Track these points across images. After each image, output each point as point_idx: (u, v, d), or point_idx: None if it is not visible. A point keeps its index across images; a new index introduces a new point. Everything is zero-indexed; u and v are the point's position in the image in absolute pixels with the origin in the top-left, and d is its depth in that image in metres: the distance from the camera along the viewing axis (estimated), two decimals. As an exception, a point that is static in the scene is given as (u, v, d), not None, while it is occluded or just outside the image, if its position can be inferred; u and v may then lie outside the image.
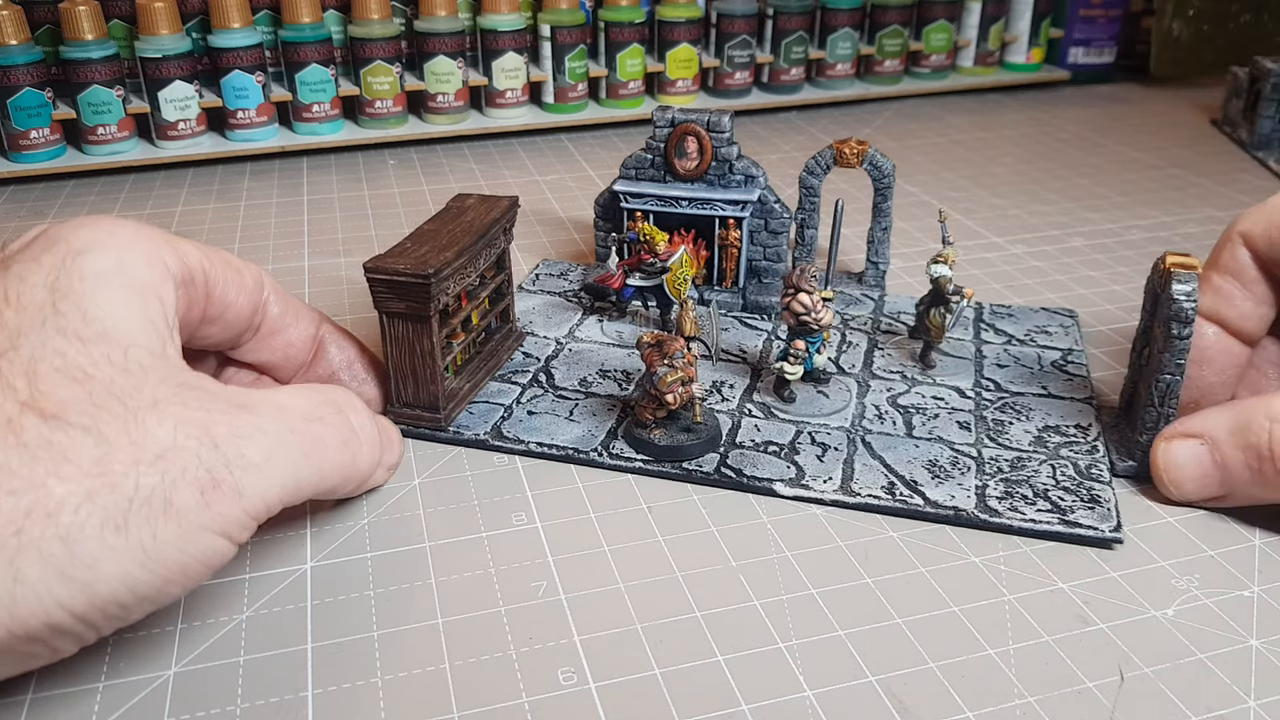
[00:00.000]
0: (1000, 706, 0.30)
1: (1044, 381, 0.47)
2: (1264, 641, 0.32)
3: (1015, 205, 0.72)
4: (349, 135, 0.83)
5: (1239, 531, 0.37)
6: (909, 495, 0.39)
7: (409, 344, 0.41)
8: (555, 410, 0.44)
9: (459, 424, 0.43)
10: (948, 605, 0.34)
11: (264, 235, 0.66)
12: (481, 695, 0.30)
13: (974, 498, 0.38)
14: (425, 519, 0.38)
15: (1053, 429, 0.43)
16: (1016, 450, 0.41)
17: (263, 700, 0.30)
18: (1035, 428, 0.43)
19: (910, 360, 0.49)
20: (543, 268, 0.59)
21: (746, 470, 0.40)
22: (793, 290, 0.43)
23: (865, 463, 0.41)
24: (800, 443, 0.42)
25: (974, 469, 0.40)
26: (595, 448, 0.41)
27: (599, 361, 0.48)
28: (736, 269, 0.53)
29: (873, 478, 0.40)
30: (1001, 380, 0.47)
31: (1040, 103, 1.00)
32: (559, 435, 0.42)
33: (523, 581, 0.35)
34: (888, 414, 0.44)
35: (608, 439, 0.42)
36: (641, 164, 0.53)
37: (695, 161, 0.51)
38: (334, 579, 0.35)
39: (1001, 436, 0.42)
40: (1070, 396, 0.46)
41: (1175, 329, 0.37)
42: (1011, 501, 0.38)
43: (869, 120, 0.93)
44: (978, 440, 0.42)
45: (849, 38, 0.95)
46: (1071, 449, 0.42)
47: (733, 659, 0.31)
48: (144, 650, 0.32)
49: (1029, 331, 0.52)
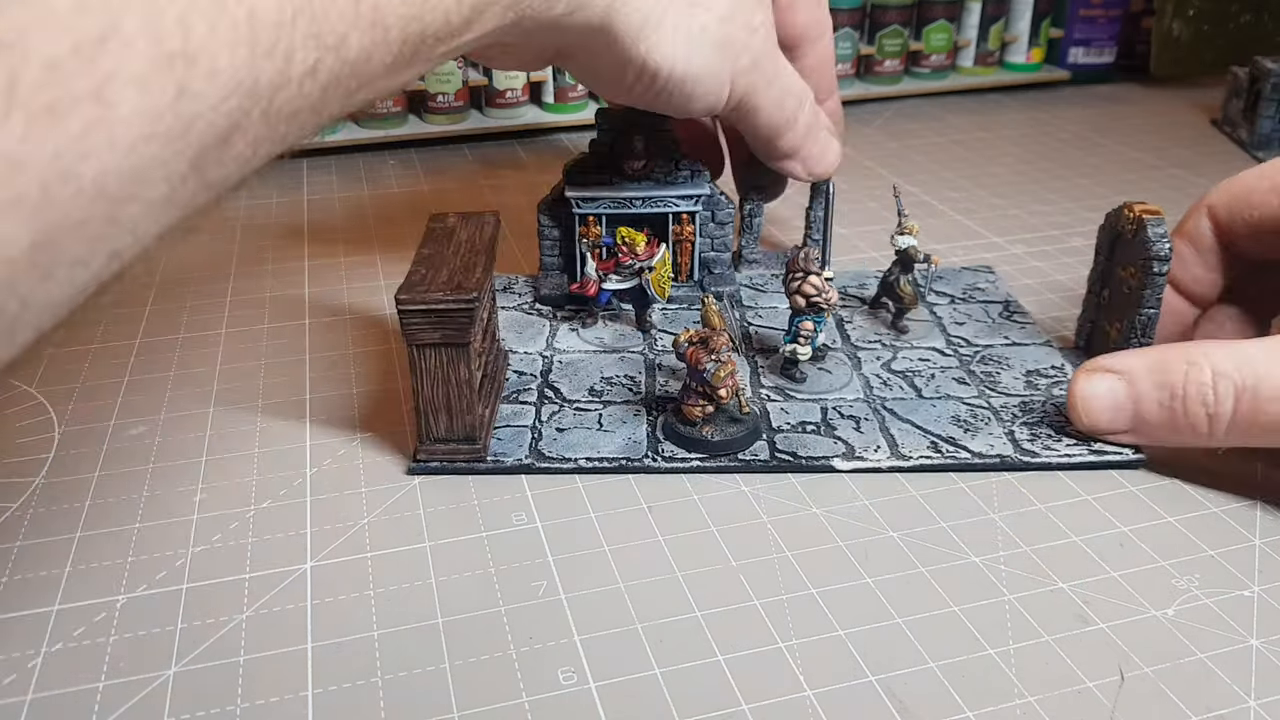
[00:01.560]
0: (1000, 706, 0.30)
1: (1003, 332, 0.51)
2: (1264, 641, 0.32)
3: (1015, 205, 0.72)
4: (349, 135, 0.83)
5: (1239, 531, 0.37)
6: (954, 450, 0.41)
7: (443, 375, 0.39)
8: (583, 423, 0.43)
9: (493, 452, 0.41)
10: (948, 605, 0.34)
11: (264, 235, 0.66)
12: (481, 695, 0.30)
13: (1010, 444, 0.41)
14: (425, 519, 0.38)
15: (1035, 372, 0.47)
16: (1018, 395, 0.45)
17: (263, 700, 0.30)
18: (1020, 373, 0.47)
19: (884, 329, 0.51)
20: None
21: (800, 452, 0.41)
22: (802, 274, 0.44)
23: (899, 428, 0.43)
24: (831, 419, 0.43)
25: (993, 418, 0.43)
26: (646, 454, 0.41)
27: (597, 370, 0.47)
28: (691, 263, 0.54)
29: (915, 440, 0.42)
30: (968, 336, 0.51)
31: (1040, 103, 0.99)
32: (603, 447, 0.41)
33: (523, 581, 0.35)
34: (891, 381, 0.46)
35: (652, 443, 0.42)
36: (589, 168, 0.51)
37: (643, 160, 0.51)
38: (334, 579, 0.35)
39: (998, 386, 0.46)
40: (1031, 342, 0.50)
41: (1156, 267, 0.42)
42: (1043, 441, 0.42)
43: (869, 120, 0.93)
44: (981, 393, 0.45)
45: (849, 38, 0.95)
46: (1060, 388, 0.45)
47: (733, 659, 0.31)
48: (144, 650, 0.32)
49: (965, 290, 0.56)
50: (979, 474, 0.40)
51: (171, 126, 0.21)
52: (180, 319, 0.54)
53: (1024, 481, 0.40)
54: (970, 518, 0.38)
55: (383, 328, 0.53)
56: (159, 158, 0.21)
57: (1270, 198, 0.43)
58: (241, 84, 0.22)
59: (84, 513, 0.38)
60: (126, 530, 0.37)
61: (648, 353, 0.49)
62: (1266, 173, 0.44)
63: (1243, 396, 0.37)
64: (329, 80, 0.25)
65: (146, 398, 0.46)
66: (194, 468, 0.41)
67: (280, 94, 0.23)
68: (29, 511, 0.38)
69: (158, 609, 0.33)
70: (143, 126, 0.20)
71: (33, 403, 0.46)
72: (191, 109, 0.21)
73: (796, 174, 0.52)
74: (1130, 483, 0.40)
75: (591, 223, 0.52)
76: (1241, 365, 0.37)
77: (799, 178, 0.53)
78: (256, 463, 0.41)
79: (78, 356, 0.50)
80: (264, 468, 0.41)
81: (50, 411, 0.45)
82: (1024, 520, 0.38)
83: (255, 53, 0.22)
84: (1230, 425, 0.37)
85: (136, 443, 0.43)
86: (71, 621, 0.33)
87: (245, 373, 0.48)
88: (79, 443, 0.43)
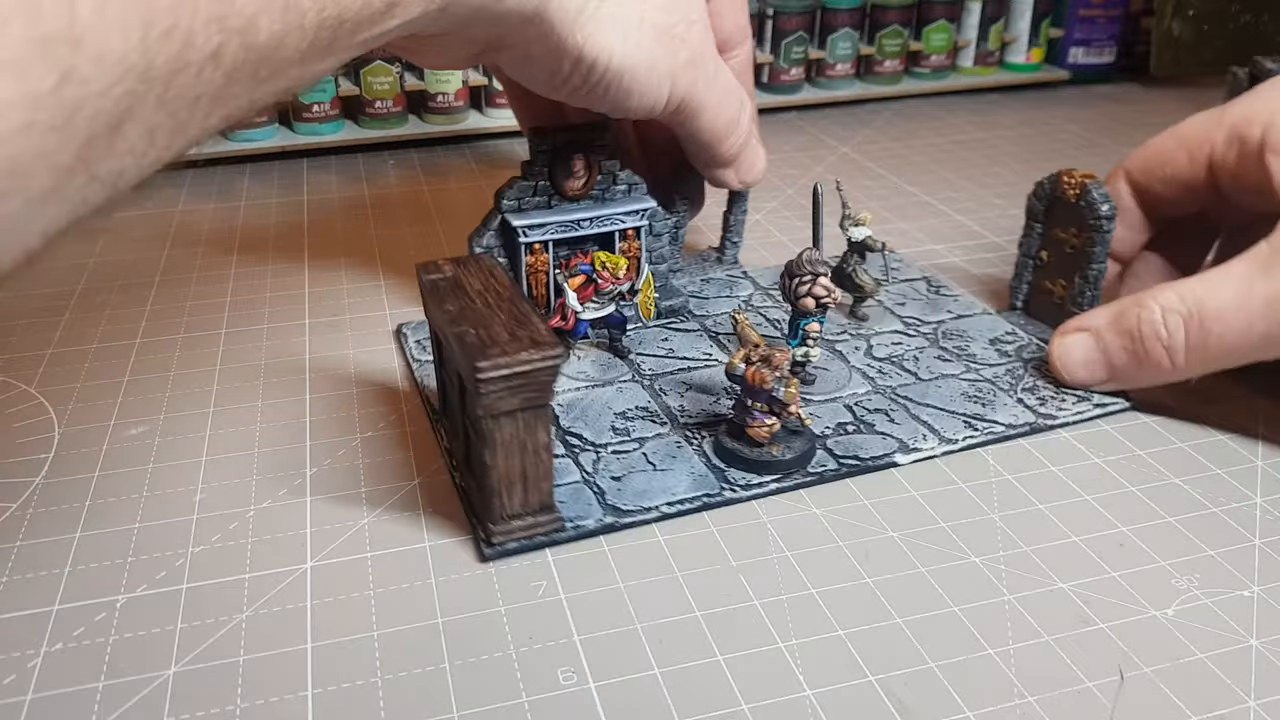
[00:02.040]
0: (1000, 706, 0.30)
1: (943, 307, 0.54)
2: (1264, 641, 0.32)
3: (1015, 205, 0.72)
4: (349, 135, 0.83)
5: (1239, 531, 0.37)
6: (988, 425, 0.43)
7: (519, 443, 0.34)
8: (634, 466, 0.40)
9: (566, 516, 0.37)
10: (948, 605, 0.34)
11: (264, 235, 0.66)
12: (481, 695, 0.30)
13: (1027, 410, 0.44)
14: (425, 519, 0.38)
15: (997, 340, 0.50)
16: (998, 365, 0.48)
17: (262, 700, 0.30)
18: (986, 343, 0.50)
19: (844, 318, 0.53)
20: (411, 333, 0.51)
21: (860, 454, 0.41)
22: (811, 277, 0.44)
23: (928, 414, 0.44)
24: (862, 416, 0.44)
25: (996, 390, 0.46)
26: (720, 486, 0.39)
27: (604, 406, 0.44)
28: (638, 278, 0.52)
29: (949, 423, 0.43)
30: (918, 315, 0.53)
31: (1040, 103, 0.99)
32: (674, 486, 0.39)
33: (523, 581, 0.35)
34: (885, 369, 0.47)
35: (717, 472, 0.40)
36: (524, 192, 0.48)
37: (583, 179, 0.49)
38: (334, 579, 0.35)
39: (976, 359, 0.48)
40: (974, 312, 0.53)
41: (1105, 225, 0.47)
42: (1052, 404, 0.44)
43: (869, 120, 0.93)
44: (968, 368, 0.47)
45: (849, 38, 0.95)
46: (1028, 351, 0.49)
47: (733, 659, 0.31)
48: (144, 650, 0.32)
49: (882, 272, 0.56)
50: (979, 463, 0.41)
51: (54, 115, 0.19)
52: (180, 319, 0.54)
53: (1024, 481, 0.40)
54: (970, 518, 0.38)
55: (382, 328, 0.53)
56: (39, 149, 0.19)
57: (1179, 154, 0.47)
58: (133, 68, 0.20)
59: (84, 513, 0.38)
60: (126, 530, 0.37)
61: (639, 378, 0.47)
62: (1175, 133, 0.48)
63: (1190, 324, 0.41)
64: (235, 66, 0.23)
65: (146, 398, 0.46)
66: (194, 468, 0.41)
67: (178, 79, 0.22)
68: (29, 511, 0.38)
69: (158, 609, 0.33)
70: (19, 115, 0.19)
71: (33, 403, 0.46)
72: (76, 95, 0.19)
73: (729, 182, 0.52)
74: (1130, 482, 0.40)
75: (538, 250, 0.49)
76: (1185, 296, 0.42)
77: (731, 186, 0.52)
78: (256, 463, 0.41)
79: (78, 356, 0.50)
80: (264, 468, 0.41)
81: (50, 411, 0.45)
82: (1024, 520, 0.38)
83: (149, 35, 0.21)
84: (1187, 353, 0.42)
85: (136, 443, 0.43)
86: (71, 621, 0.33)
87: (245, 373, 0.48)
88: (79, 443, 0.43)
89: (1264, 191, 0.44)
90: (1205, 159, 0.46)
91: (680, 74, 0.42)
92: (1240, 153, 0.45)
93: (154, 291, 0.57)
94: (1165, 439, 0.43)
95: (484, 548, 0.36)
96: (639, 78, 0.40)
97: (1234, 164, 0.45)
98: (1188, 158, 0.47)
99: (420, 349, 0.49)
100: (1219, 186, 0.47)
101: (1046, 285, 0.50)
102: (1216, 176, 0.46)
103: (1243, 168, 0.45)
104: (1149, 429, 0.44)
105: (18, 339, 0.51)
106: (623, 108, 0.42)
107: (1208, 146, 0.46)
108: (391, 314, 0.54)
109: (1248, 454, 0.42)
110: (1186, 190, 0.48)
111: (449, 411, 0.40)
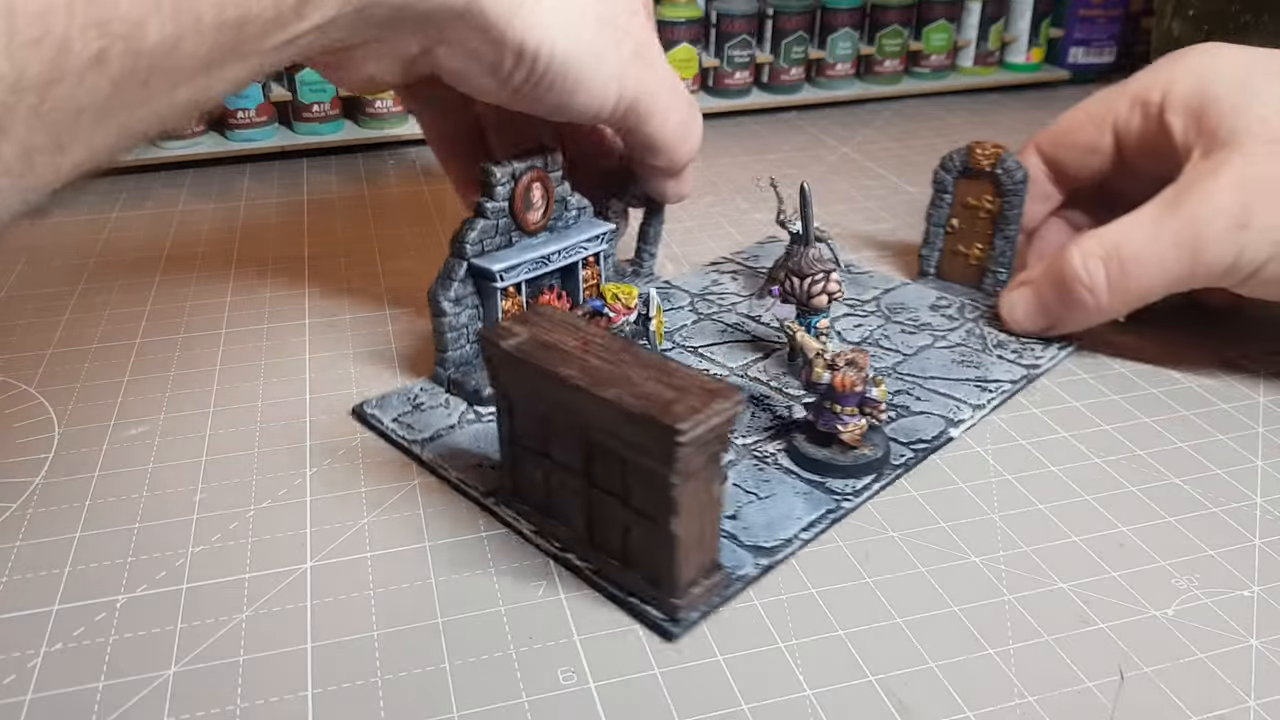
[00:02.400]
0: (1000, 706, 0.30)
1: (868, 284, 0.56)
2: (1264, 641, 0.32)
3: (1015, 205, 0.72)
4: (349, 135, 0.83)
5: (1239, 531, 0.37)
6: (995, 384, 0.46)
7: (699, 504, 0.31)
8: (737, 500, 0.38)
9: None
10: (948, 605, 0.34)
11: (264, 235, 0.66)
12: (481, 695, 0.30)
13: (1014, 365, 0.48)
14: (425, 519, 0.38)
15: (936, 306, 0.53)
16: (957, 328, 0.51)
17: (263, 700, 0.30)
18: (929, 310, 0.53)
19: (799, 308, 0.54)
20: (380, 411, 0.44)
21: (925, 436, 0.42)
22: (824, 274, 0.45)
23: (941, 386, 0.46)
24: (891, 401, 0.44)
25: (973, 352, 0.49)
26: (844, 495, 0.38)
27: None
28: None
29: (964, 389, 0.46)
30: (853, 296, 0.55)
31: (1040, 103, 0.99)
32: (792, 511, 0.37)
33: (522, 581, 0.35)
34: (872, 351, 0.49)
35: (817, 485, 0.39)
36: (486, 234, 0.44)
37: (542, 209, 0.45)
38: (334, 579, 0.35)
39: (933, 327, 0.51)
40: (895, 284, 0.56)
41: (1021, 189, 0.51)
42: (1029, 355, 0.48)
43: (869, 120, 0.93)
44: (936, 336, 0.50)
45: (849, 38, 0.95)
46: (969, 311, 0.53)
47: (733, 659, 0.31)
48: (144, 650, 0.32)
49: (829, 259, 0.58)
50: (979, 462, 0.41)
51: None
52: (180, 319, 0.54)
53: (1024, 481, 0.40)
54: (970, 518, 0.38)
55: (383, 328, 0.53)
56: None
57: (1086, 126, 0.51)
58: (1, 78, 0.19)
59: (84, 513, 0.38)
60: (126, 530, 0.37)
61: None
62: (1081, 107, 0.52)
63: (1110, 265, 0.45)
64: (122, 74, 0.22)
65: (146, 398, 0.46)
66: (194, 468, 0.41)
67: (55, 89, 0.20)
68: (29, 511, 0.38)
69: (158, 609, 0.33)
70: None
71: (33, 403, 0.46)
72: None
73: (668, 195, 0.49)
74: (1130, 482, 0.40)
75: (512, 294, 0.45)
76: (1103, 240, 0.46)
77: (673, 199, 0.50)
78: (256, 463, 0.41)
79: (78, 356, 0.50)
80: (264, 468, 0.41)
81: (50, 411, 0.45)
82: (1024, 520, 0.38)
83: (14, 42, 0.19)
84: (1110, 292, 0.46)
85: (136, 443, 0.43)
86: (71, 621, 0.33)
87: (245, 373, 0.48)
88: (79, 443, 0.43)
89: (1163, 154, 0.47)
90: (1110, 127, 0.50)
91: (627, 69, 0.40)
92: (1143, 115, 0.49)
93: (154, 291, 0.57)
94: (1165, 439, 0.43)
95: (669, 626, 0.32)
96: (585, 70, 0.38)
97: (1137, 128, 0.49)
98: (1095, 128, 0.51)
99: (404, 427, 0.42)
100: (1122, 152, 0.51)
101: (960, 250, 0.55)
102: (1120, 142, 0.50)
103: (1145, 130, 0.49)
104: (1149, 429, 0.44)
105: (18, 339, 0.51)
106: (571, 107, 0.40)
107: (1111, 116, 0.50)
108: (391, 313, 0.54)
109: (1248, 454, 0.42)
110: (1092, 157, 0.51)
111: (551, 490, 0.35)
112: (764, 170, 0.79)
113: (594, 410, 0.31)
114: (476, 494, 0.38)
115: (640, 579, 0.33)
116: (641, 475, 0.31)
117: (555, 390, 0.32)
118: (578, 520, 0.35)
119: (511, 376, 0.34)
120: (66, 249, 0.63)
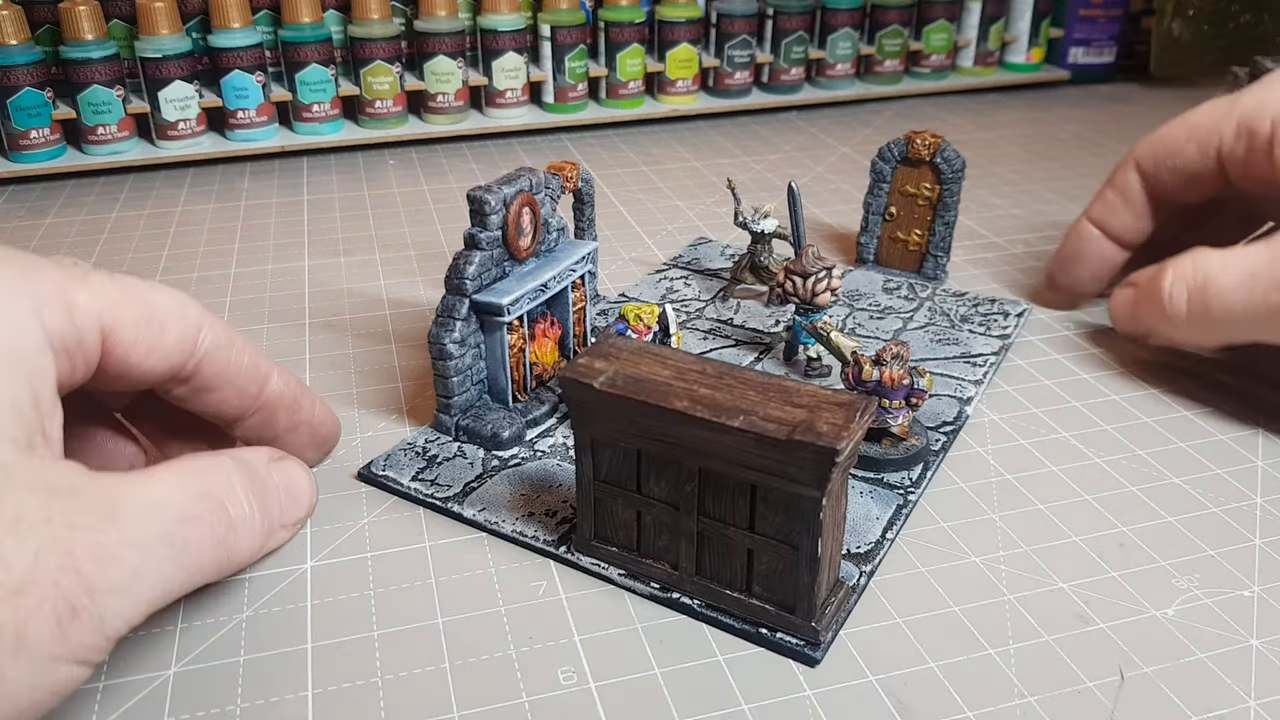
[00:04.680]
0: (1000, 706, 0.30)
1: None
2: (1264, 641, 0.32)
3: (1015, 205, 0.72)
4: (349, 135, 0.83)
5: (1239, 531, 0.37)
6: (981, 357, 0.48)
7: (834, 520, 0.31)
8: None
9: None
10: (948, 605, 0.34)
11: (264, 235, 0.66)
12: (481, 695, 0.30)
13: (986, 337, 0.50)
14: (425, 519, 0.38)
15: (889, 289, 0.56)
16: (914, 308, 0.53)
17: (263, 700, 0.30)
18: (884, 293, 0.55)
19: (766, 306, 0.54)
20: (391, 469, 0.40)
21: (947, 418, 0.43)
22: (826, 272, 0.45)
23: (934, 366, 0.47)
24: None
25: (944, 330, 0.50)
26: (905, 488, 0.39)
27: None
28: (585, 329, 0.48)
29: (956, 367, 0.47)
30: None
31: (1040, 103, 1.00)
32: (870, 512, 0.37)
33: (523, 581, 0.35)
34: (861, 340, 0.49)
35: (877, 482, 0.39)
36: (485, 266, 0.41)
37: (531, 234, 0.43)
38: (334, 579, 0.35)
39: (897, 310, 0.53)
40: (846, 269, 0.58)
41: (960, 177, 0.54)
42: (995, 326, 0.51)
43: (869, 120, 0.93)
44: (907, 318, 0.52)
45: (849, 38, 0.95)
46: (920, 290, 0.55)
47: (733, 659, 0.31)
48: (144, 650, 0.32)
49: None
50: (979, 462, 0.41)
51: None
52: (180, 319, 0.54)
53: (1024, 481, 0.40)
54: (970, 518, 0.38)
55: (382, 328, 0.53)
56: None
57: (1188, 146, 0.48)
58: None
59: (84, 513, 0.38)
60: (126, 530, 0.37)
61: None
62: (1184, 123, 0.49)
63: (1194, 293, 0.44)
64: None
65: (146, 398, 0.46)
66: (194, 468, 0.41)
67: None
68: (29, 511, 0.38)
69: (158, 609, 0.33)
70: None
71: (33, 403, 0.46)
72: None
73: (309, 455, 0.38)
74: (1130, 482, 0.40)
75: (516, 326, 0.42)
76: (1198, 266, 0.44)
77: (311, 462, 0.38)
78: (256, 463, 0.41)
79: (78, 356, 0.49)
80: (264, 468, 0.41)
81: (50, 411, 0.45)
82: (1024, 520, 0.38)
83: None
84: (1188, 320, 0.44)
85: (136, 443, 0.42)
86: (71, 621, 0.33)
87: (245, 373, 0.48)
88: (79, 443, 0.42)
89: (1272, 184, 0.44)
90: (1214, 151, 0.47)
91: None
92: (1249, 146, 0.45)
93: (154, 291, 0.57)
94: (1165, 439, 0.43)
95: (811, 653, 0.31)
96: None
97: (1243, 157, 0.45)
98: (1197, 149, 0.47)
99: (428, 484, 0.39)
100: (1228, 177, 0.47)
101: (899, 236, 0.57)
102: (1225, 168, 0.47)
103: (1251, 160, 0.45)
104: (1149, 429, 0.44)
105: (18, 339, 0.51)
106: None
107: (1216, 139, 0.46)
108: (391, 314, 0.54)
109: (1248, 454, 0.42)
110: (1195, 180, 0.48)
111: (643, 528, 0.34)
112: (764, 170, 0.79)
113: (717, 440, 0.29)
114: (545, 546, 0.36)
115: (768, 605, 0.32)
116: (776, 500, 0.30)
117: (666, 424, 0.30)
118: (683, 556, 0.33)
119: (606, 415, 0.32)
120: (66, 249, 0.63)
